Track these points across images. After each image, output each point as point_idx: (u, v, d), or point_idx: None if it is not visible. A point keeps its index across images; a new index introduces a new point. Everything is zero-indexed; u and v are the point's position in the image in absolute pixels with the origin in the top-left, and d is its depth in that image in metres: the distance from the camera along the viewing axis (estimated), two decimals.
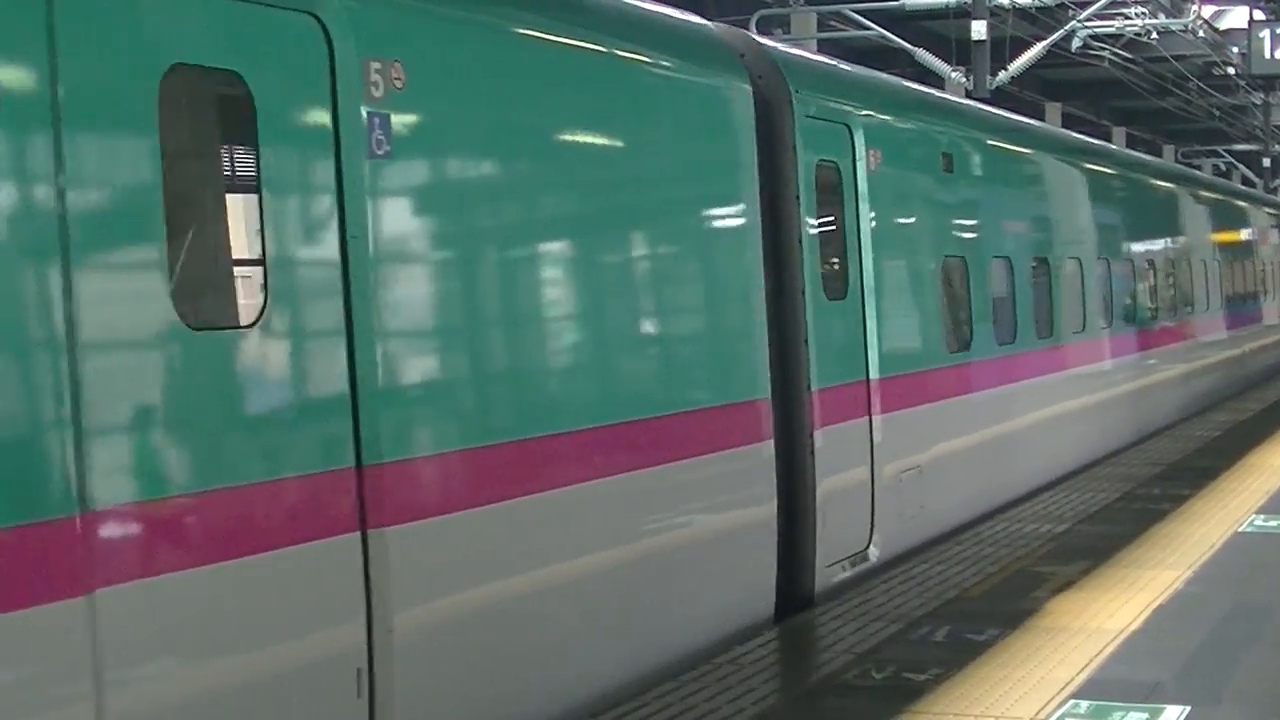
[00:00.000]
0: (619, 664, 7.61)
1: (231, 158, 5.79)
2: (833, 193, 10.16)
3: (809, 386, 9.56)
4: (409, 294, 6.33)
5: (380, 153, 6.11)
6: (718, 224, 8.99)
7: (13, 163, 4.73)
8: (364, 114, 6.01)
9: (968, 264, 12.37)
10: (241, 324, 5.55)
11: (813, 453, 9.55)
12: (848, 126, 10.41)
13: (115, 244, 5.11)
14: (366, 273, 5.98)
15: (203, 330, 5.34)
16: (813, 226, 9.73)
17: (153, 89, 5.17)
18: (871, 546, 10.39)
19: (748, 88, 9.17)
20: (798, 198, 9.55)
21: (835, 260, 10.17)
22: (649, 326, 8.17)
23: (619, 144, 8.06)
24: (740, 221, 9.03)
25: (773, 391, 9.15)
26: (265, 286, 5.63)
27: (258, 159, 5.66)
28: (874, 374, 10.42)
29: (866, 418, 10.33)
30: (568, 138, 7.57)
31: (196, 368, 5.34)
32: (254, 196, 5.63)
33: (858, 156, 10.44)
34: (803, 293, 9.56)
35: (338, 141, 5.91)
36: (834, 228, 10.15)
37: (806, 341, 9.55)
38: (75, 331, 4.83)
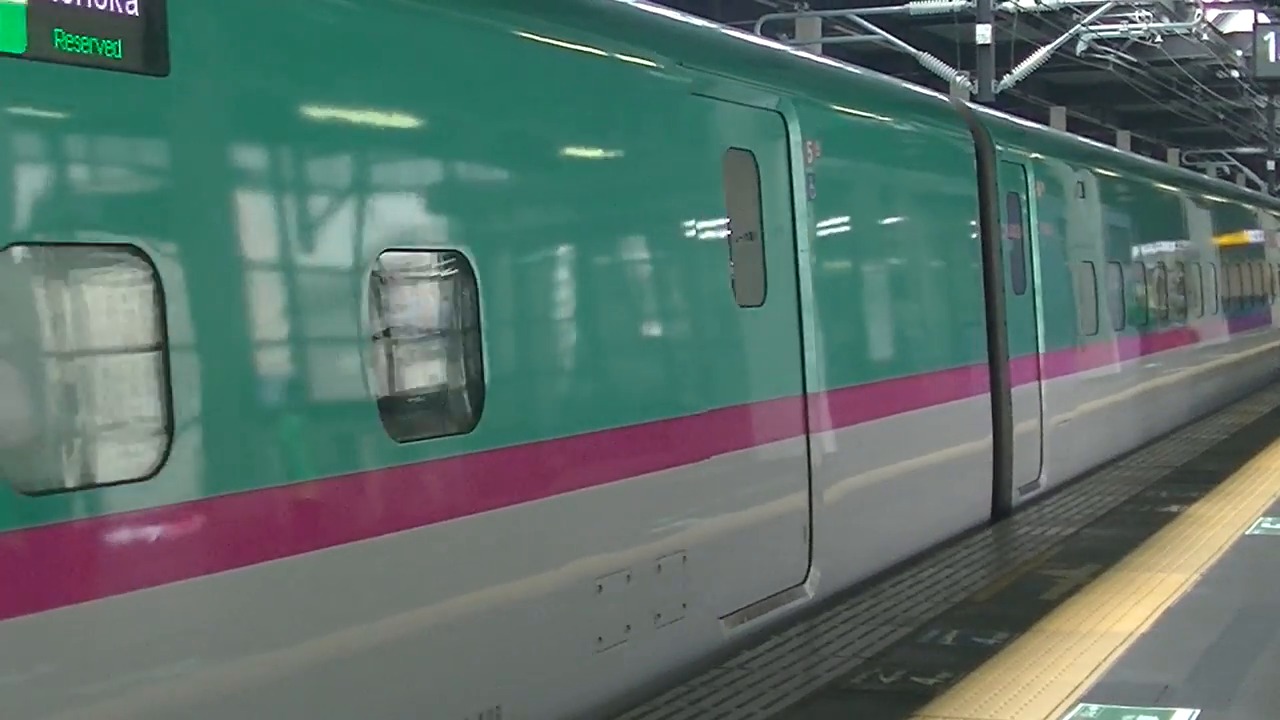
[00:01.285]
0: (923, 534, 11.46)
1: (738, 201, 9.05)
2: (1015, 214, 13.77)
3: (1006, 356, 13.15)
4: (827, 287, 9.87)
5: (812, 197, 9.73)
6: (966, 239, 12.70)
7: (705, 211, 8.60)
8: (804, 173, 9.66)
9: (1094, 267, 16.05)
10: (758, 304, 9.15)
11: (1009, 404, 13.15)
12: (1023, 166, 14.03)
13: (712, 255, 8.66)
14: (807, 273, 9.61)
15: (744, 307, 8.96)
16: (1005, 239, 13.28)
17: (719, 162, 8.79)
18: (1041, 477, 14.00)
19: (971, 142, 12.92)
20: (997, 219, 13.15)
21: (1017, 264, 13.71)
22: (941, 305, 12.14)
23: (924, 184, 12.15)
24: (974, 237, 12.81)
25: (988, 358, 12.88)
26: (765, 282, 9.26)
27: (760, 202, 9.28)
28: (1042, 349, 14.07)
29: (1037, 382, 13.94)
30: (897, 181, 11.66)
31: (742, 329, 8.93)
32: (756, 230, 9.22)
33: (1029, 187, 14.12)
34: (1002, 289, 13.15)
35: (792, 190, 9.58)
36: (1016, 240, 13.71)
37: (1005, 324, 13.14)
38: (699, 306, 8.48)
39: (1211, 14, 30.75)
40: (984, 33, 23.30)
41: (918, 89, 13.43)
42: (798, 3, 26.41)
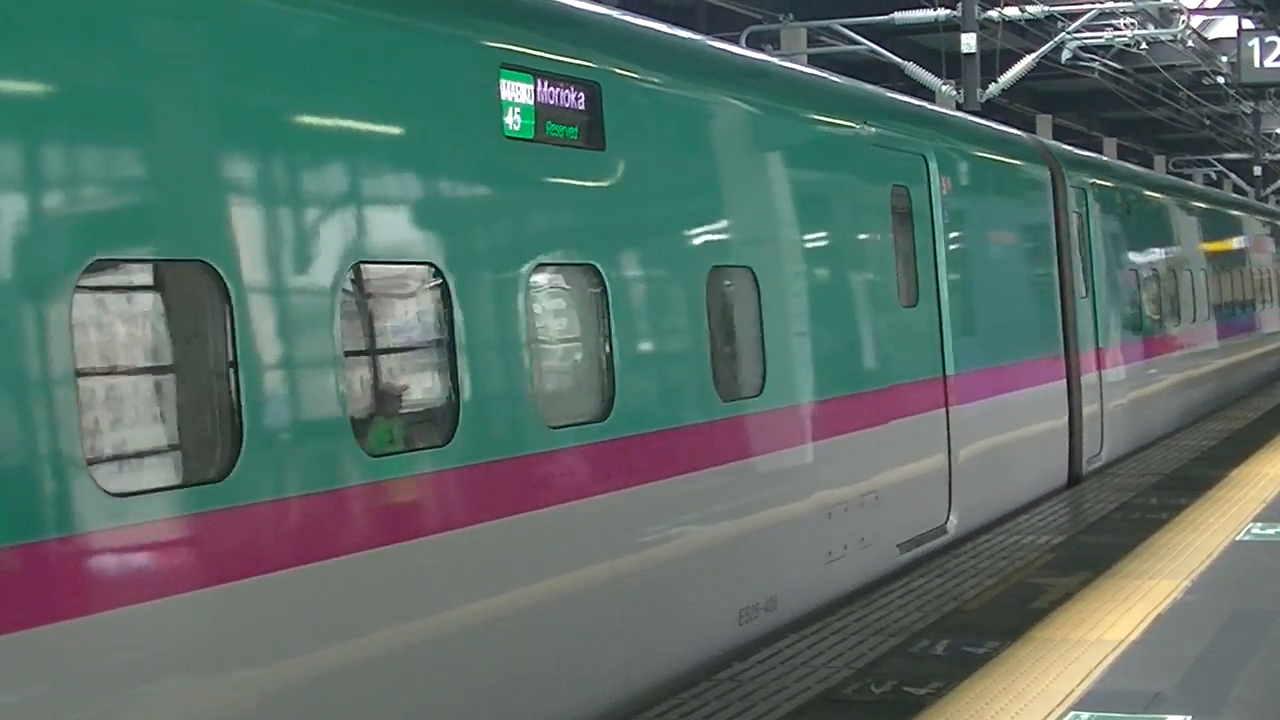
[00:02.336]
0: (1023, 492, 13.91)
1: (900, 225, 11.61)
2: (1080, 231, 16.23)
3: (1077, 350, 15.61)
4: (957, 291, 12.44)
5: (945, 221, 12.33)
6: (1048, 251, 15.28)
7: (871, 235, 11.20)
8: (940, 202, 12.27)
9: (1138, 273, 18.70)
10: (913, 305, 11.72)
11: (1079, 390, 15.63)
12: (1084, 190, 16.53)
13: (886, 266, 11.27)
14: (944, 280, 12.20)
15: (905, 308, 11.54)
16: (1073, 252, 15.77)
17: (886, 195, 11.41)
18: (1102, 452, 16.39)
19: (1048, 171, 15.52)
20: (1067, 235, 15.69)
21: (1081, 272, 16.10)
22: (1034, 306, 14.87)
23: (1019, 207, 14.94)
24: (1052, 250, 15.35)
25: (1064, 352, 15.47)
26: (917, 288, 11.79)
27: (912, 226, 11.84)
28: (1101, 344, 16.50)
29: (1097, 372, 16.34)
30: (1001, 206, 14.50)
31: (902, 324, 11.47)
32: (910, 248, 11.74)
33: (1090, 208, 16.61)
34: (1071, 293, 15.62)
35: (932, 216, 12.18)
36: (1080, 253, 16.12)
37: (1074, 322, 15.60)
38: (883, 306, 11.10)
39: (1196, 20, 30.78)
40: (969, 42, 23.30)
41: (1009, 130, 16.45)
42: (782, 14, 26.42)
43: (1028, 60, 25.73)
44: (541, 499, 7.23)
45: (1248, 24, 26.54)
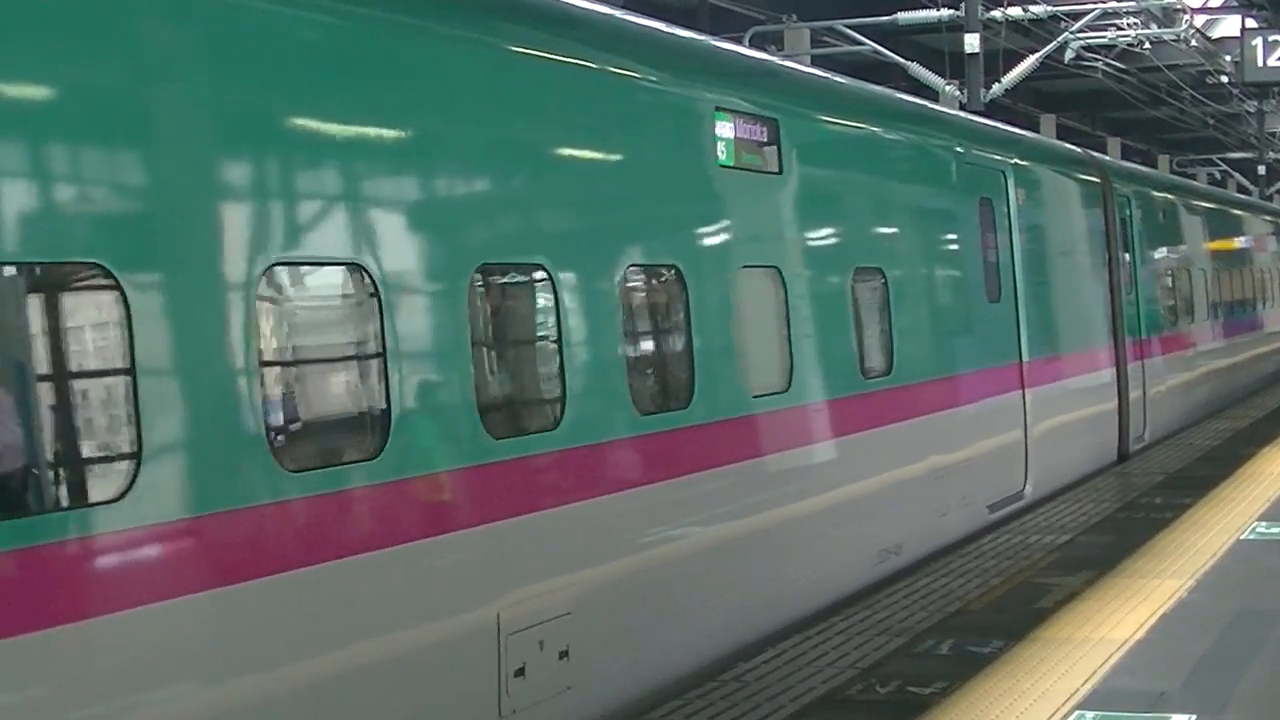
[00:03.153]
0: (1082, 465, 15.72)
1: (985, 231, 13.42)
2: (1125, 235, 18.22)
3: (1123, 342, 17.54)
4: (1030, 289, 14.31)
5: (1020, 227, 14.17)
6: (1101, 252, 17.24)
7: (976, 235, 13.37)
8: (1016, 211, 14.15)
9: (1173, 272, 20.83)
10: (996, 301, 13.54)
11: (1125, 378, 17.52)
12: (1128, 198, 18.56)
13: (972, 267, 13.07)
14: (1020, 279, 14.12)
15: (991, 304, 13.38)
16: (1119, 253, 17.77)
17: (975, 206, 13.33)
18: (1145, 433, 18.30)
19: (1099, 182, 17.50)
20: (1116, 238, 17.71)
21: (1126, 270, 18.09)
22: (1090, 301, 16.68)
23: (1078, 214, 16.74)
24: (1103, 252, 17.34)
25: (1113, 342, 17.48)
26: (999, 288, 13.65)
27: (994, 230, 13.65)
28: (1142, 335, 18.42)
29: (1140, 361, 18.26)
30: (1064, 214, 16.33)
31: (990, 317, 13.35)
32: (994, 250, 13.56)
33: (1133, 214, 18.63)
34: (1116, 289, 17.53)
35: (1010, 224, 14.00)
36: (1125, 254, 18.13)
37: (1121, 316, 17.55)
38: (975, 301, 13.07)
39: (1199, 20, 30.75)
40: (972, 42, 23.28)
41: (1070, 147, 18.42)
42: (786, 15, 26.42)
43: (1031, 60, 25.70)
44: (747, 453, 9.11)
45: (1251, 23, 26.53)
